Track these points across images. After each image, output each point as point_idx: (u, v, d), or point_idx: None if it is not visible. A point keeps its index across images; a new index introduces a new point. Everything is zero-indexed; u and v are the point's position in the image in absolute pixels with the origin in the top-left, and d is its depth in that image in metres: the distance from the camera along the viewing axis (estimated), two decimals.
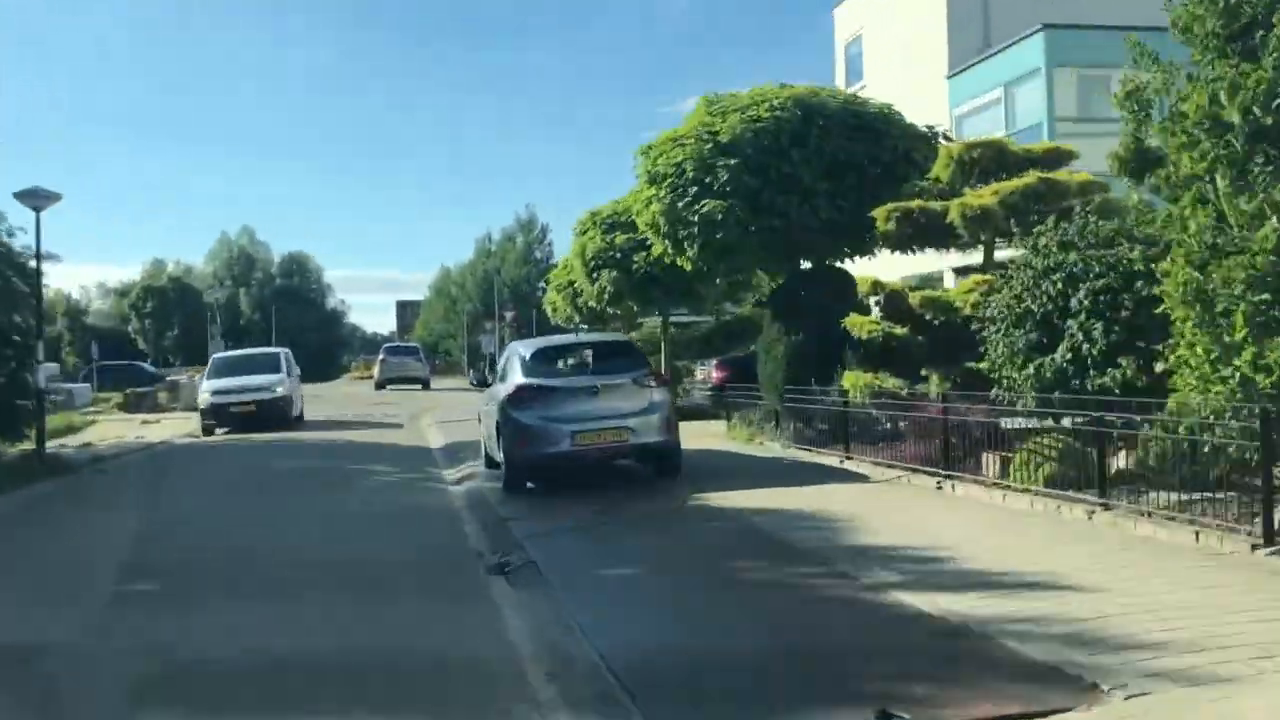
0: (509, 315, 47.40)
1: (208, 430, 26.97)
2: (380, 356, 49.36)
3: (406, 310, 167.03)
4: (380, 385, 44.79)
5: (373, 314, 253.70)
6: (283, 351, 32.10)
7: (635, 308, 28.09)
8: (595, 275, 26.20)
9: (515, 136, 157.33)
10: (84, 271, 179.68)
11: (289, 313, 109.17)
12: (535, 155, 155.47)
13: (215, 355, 33.88)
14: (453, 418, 26.64)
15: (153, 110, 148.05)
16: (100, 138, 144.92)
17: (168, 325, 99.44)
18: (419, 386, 44.50)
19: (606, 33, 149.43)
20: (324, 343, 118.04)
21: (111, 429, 28.70)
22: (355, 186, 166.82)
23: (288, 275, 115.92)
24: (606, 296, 26.22)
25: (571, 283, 29.05)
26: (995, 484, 11.20)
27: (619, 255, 25.68)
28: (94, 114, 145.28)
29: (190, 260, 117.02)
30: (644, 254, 23.63)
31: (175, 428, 28.87)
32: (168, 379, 43.86)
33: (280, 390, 28.23)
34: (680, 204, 18.40)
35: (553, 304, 31.41)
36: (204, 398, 28.07)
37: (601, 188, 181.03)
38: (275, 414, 27.05)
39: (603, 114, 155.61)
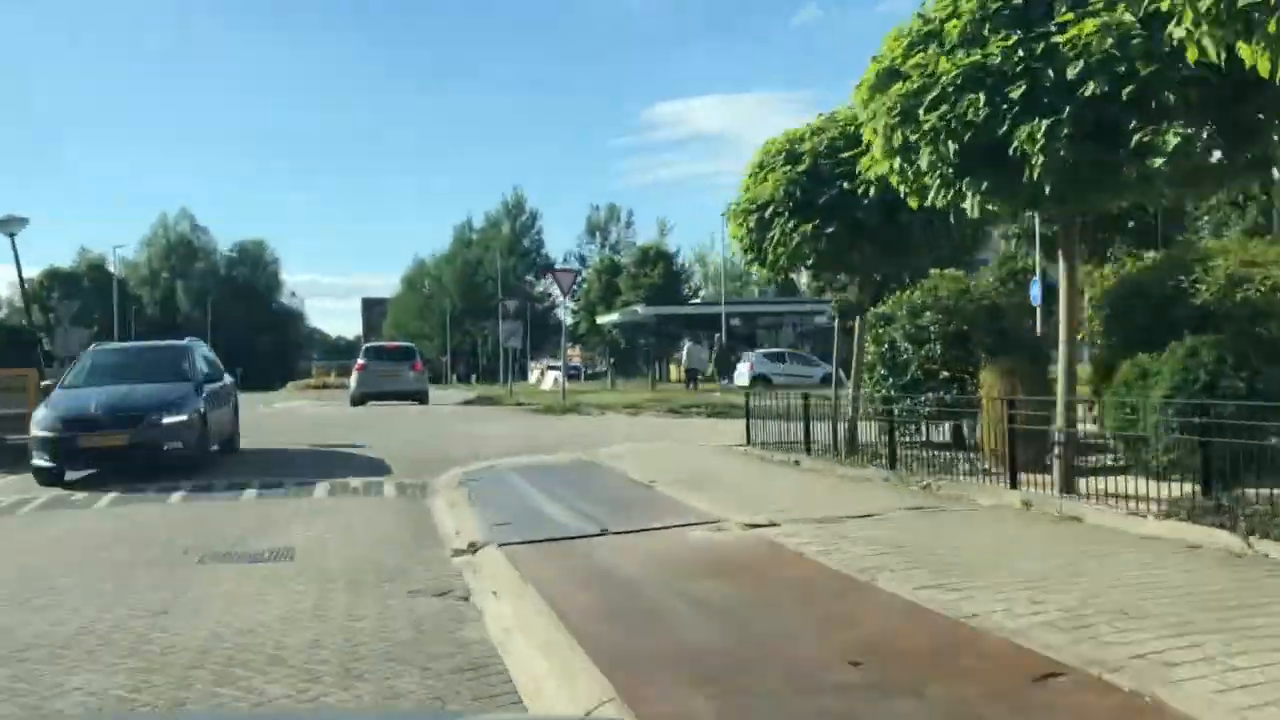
0: (511, 306, 31.99)
1: (44, 480, 13.69)
2: (359, 361, 31.03)
3: (373, 309, 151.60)
4: (359, 401, 29.00)
5: (337, 319, 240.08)
6: (193, 346, 17.27)
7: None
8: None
9: (490, 137, 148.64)
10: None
11: (234, 309, 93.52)
12: (510, 156, 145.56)
13: (88, 351, 18.35)
14: (490, 477, 11.91)
15: (110, 107, 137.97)
16: (60, 137, 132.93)
17: (82, 320, 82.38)
18: (412, 401, 28.95)
19: (576, 34, 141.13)
20: (277, 346, 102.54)
21: None
22: (318, 188, 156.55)
23: (235, 266, 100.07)
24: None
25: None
26: None
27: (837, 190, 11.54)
28: (53, 114, 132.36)
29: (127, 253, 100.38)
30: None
31: None
32: None
33: (179, 414, 13.80)
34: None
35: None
36: (40, 423, 13.74)
37: (580, 188, 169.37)
38: (168, 452, 13.76)
39: (577, 114, 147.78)
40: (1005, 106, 7.67)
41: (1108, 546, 6.66)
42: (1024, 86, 7.55)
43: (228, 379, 17.30)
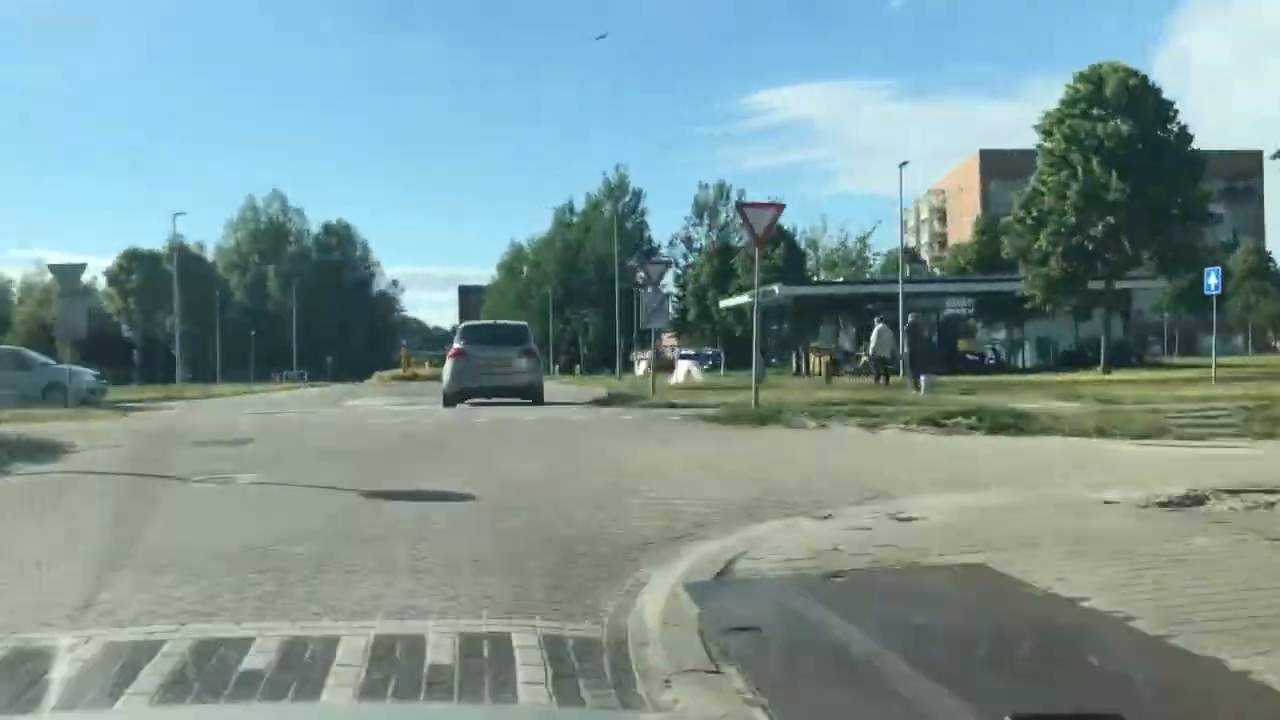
0: (655, 271, 23.04)
1: None
2: (455, 345, 22.21)
3: (470, 297, 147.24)
4: (454, 398, 20.81)
5: (434, 310, 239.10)
6: None
7: None
8: None
9: (576, 134, 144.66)
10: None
11: (326, 295, 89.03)
12: (602, 149, 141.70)
13: None
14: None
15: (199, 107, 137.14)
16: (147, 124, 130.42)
17: (160, 306, 78.87)
18: (526, 401, 20.76)
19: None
20: (373, 334, 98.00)
21: None
22: (413, 184, 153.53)
23: (326, 250, 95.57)
24: None
25: None
26: None
27: None
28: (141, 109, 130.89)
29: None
30: None
31: None
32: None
33: None
34: None
35: None
36: None
37: (670, 183, 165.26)
38: None
39: (668, 104, 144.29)
40: None
41: None
42: None
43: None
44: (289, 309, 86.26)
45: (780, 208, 16.95)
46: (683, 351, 32.92)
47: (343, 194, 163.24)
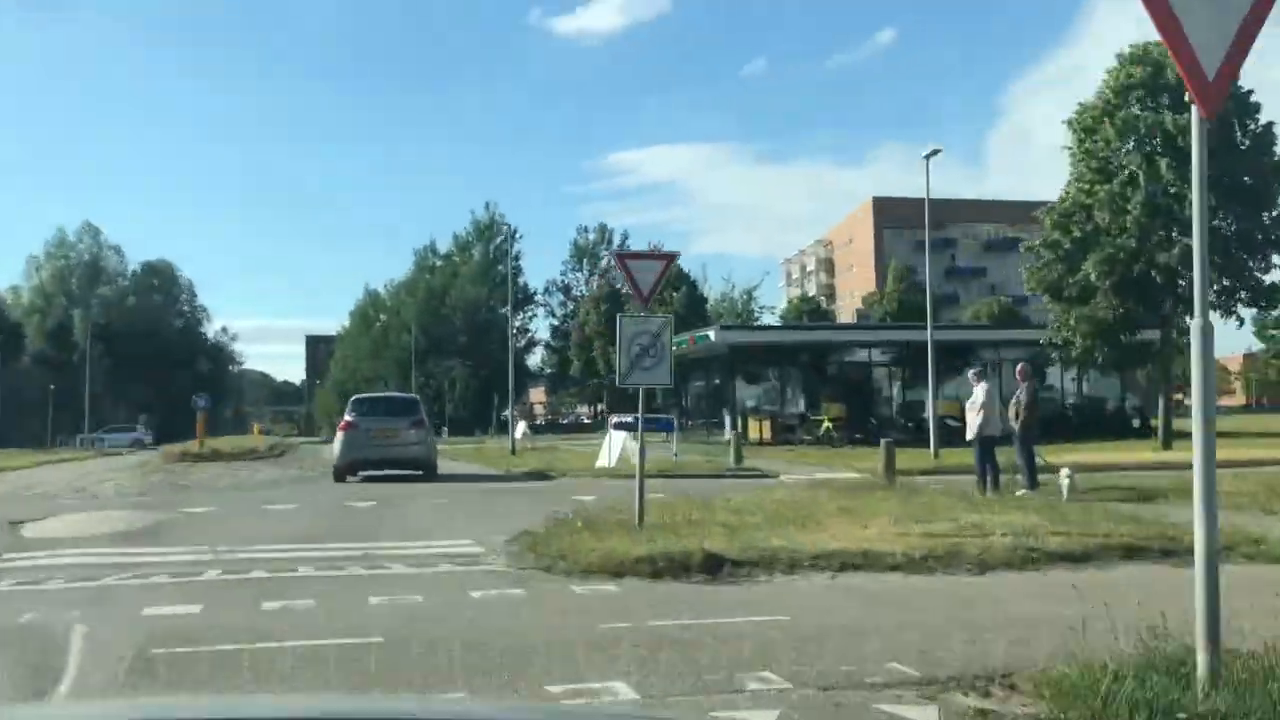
0: (628, 276, 12.41)
1: None
2: (347, 417, 21.74)
3: (318, 347, 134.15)
4: (344, 471, 20.57)
5: (281, 363, 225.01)
6: None
7: None
8: None
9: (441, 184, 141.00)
10: None
11: (147, 343, 75.79)
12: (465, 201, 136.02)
13: None
14: None
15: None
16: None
17: None
18: (417, 473, 20.48)
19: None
20: (206, 387, 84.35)
21: None
22: (255, 229, 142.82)
23: (145, 291, 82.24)
24: None
25: None
26: None
27: None
28: None
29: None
30: None
31: None
32: None
33: None
34: None
35: None
36: None
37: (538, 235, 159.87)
38: None
39: (533, 160, 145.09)
40: None
41: None
42: None
43: None
44: (97, 358, 72.88)
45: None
46: (618, 420, 23.10)
47: (173, 238, 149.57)
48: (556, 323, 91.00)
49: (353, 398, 24.84)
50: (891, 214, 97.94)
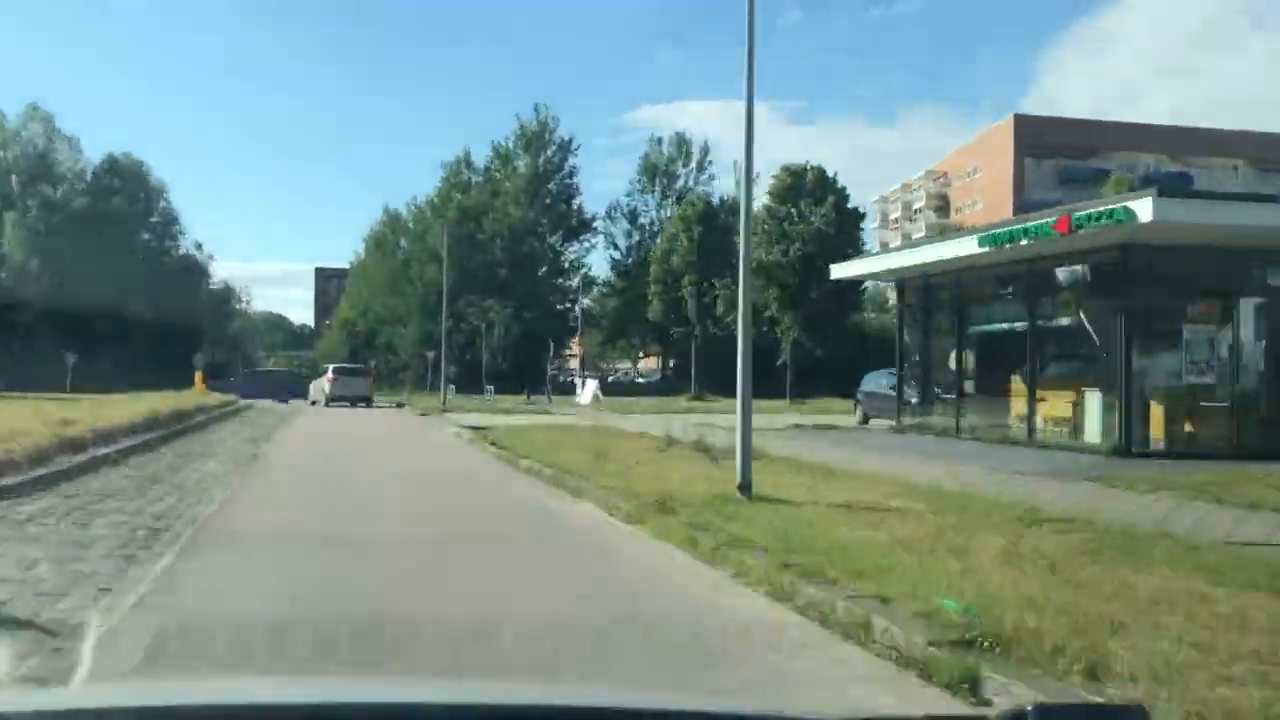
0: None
1: None
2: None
3: (329, 283, 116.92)
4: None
5: (301, 309, 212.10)
6: None
7: None
8: None
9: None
10: None
11: (95, 258, 58.28)
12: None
13: None
14: None
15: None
16: None
17: None
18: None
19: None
20: (175, 317, 66.18)
21: None
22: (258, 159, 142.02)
23: (101, 194, 64.32)
24: None
25: None
26: None
27: None
28: None
29: None
30: None
31: None
32: None
33: None
34: None
35: None
36: None
37: None
38: None
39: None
40: None
41: None
42: None
43: None
44: (36, 273, 55.68)
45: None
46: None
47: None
48: (619, 255, 72.95)
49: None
50: (1032, 139, 79.39)
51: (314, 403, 43.51)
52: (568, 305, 73.18)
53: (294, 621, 5.66)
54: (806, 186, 44.12)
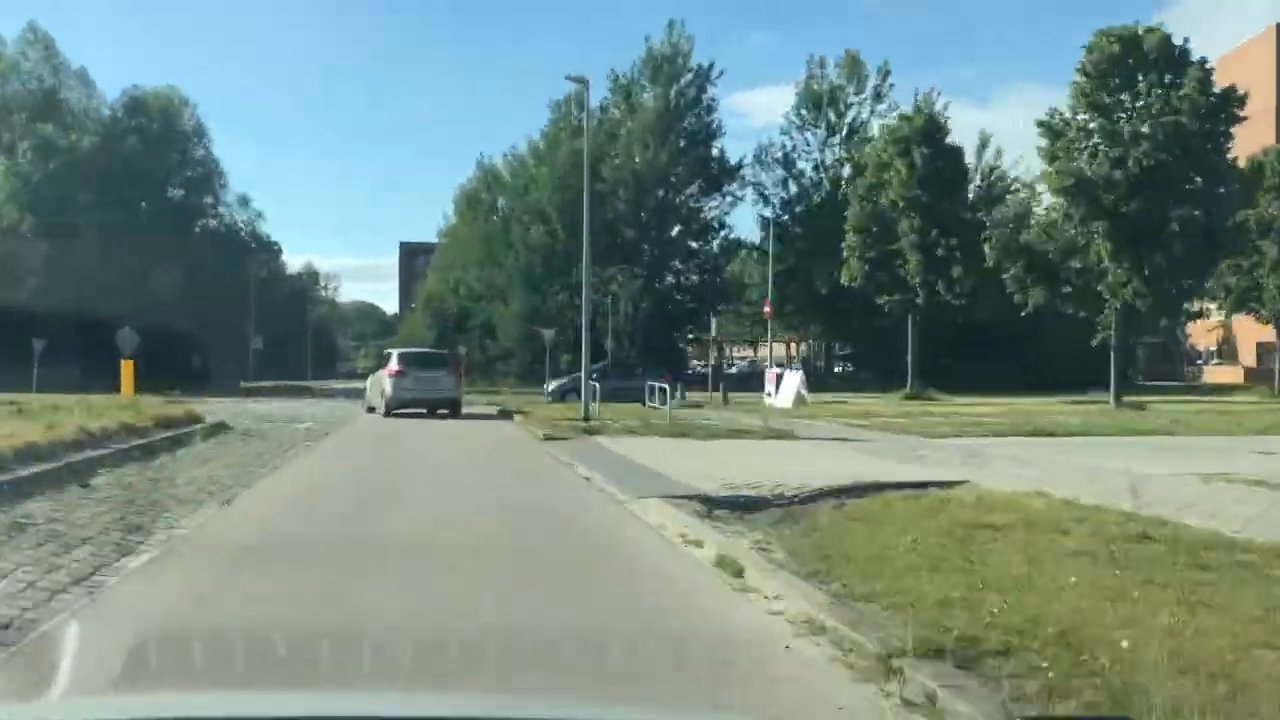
0: None
1: None
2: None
3: (415, 260, 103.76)
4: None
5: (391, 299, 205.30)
6: None
7: None
8: None
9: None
10: None
11: (103, 214, 44.51)
12: None
13: None
14: None
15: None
16: None
17: None
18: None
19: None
20: (211, 297, 51.36)
21: None
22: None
23: (123, 132, 50.32)
24: None
25: None
26: None
27: None
28: None
29: None
30: None
31: None
32: None
33: None
34: None
35: None
36: None
37: None
38: None
39: None
40: None
41: None
42: None
43: None
44: (25, 244, 42.01)
45: None
46: None
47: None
48: (773, 213, 56.40)
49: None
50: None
51: (371, 410, 27.25)
52: (708, 274, 57.48)
53: None
54: (1147, 56, 27.22)
